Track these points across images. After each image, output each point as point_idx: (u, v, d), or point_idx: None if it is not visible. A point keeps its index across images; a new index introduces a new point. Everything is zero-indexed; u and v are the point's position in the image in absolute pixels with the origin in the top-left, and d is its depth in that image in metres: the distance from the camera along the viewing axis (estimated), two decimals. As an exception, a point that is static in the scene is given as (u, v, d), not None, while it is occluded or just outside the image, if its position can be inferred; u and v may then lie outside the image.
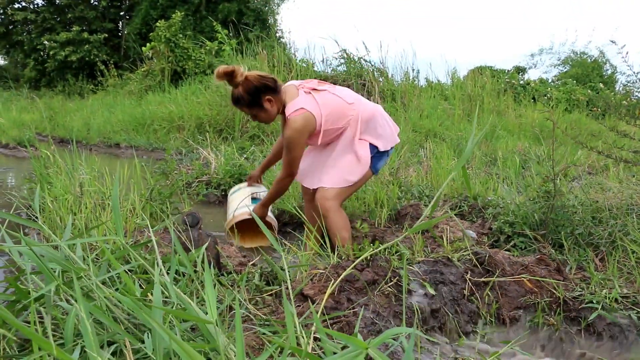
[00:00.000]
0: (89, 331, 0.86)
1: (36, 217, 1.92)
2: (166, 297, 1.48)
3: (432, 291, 2.00)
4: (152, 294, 1.25)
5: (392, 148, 2.91)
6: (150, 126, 9.54)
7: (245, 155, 5.65)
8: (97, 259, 2.05)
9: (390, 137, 2.86)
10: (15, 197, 3.57)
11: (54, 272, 1.57)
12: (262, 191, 3.44)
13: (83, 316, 0.89)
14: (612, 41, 3.51)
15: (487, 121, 8.44)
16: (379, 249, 1.73)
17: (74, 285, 1.53)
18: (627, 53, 3.45)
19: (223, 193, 4.62)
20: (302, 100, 2.67)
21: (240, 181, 4.69)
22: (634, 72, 3.48)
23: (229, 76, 2.62)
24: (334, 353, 1.09)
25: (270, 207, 3.14)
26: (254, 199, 3.31)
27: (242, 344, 0.70)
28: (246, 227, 3.24)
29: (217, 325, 0.98)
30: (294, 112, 2.62)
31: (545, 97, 12.29)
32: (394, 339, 1.45)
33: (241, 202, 3.23)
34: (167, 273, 1.60)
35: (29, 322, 1.33)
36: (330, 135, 2.79)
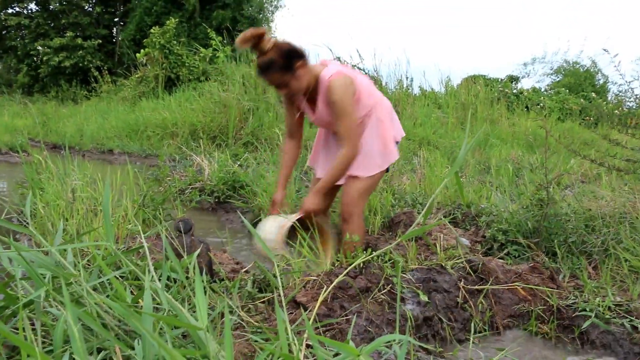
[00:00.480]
0: (76, 337, 0.84)
1: (27, 223, 1.90)
2: (158, 304, 1.46)
3: (425, 299, 1.99)
4: (143, 300, 1.24)
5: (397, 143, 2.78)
6: (143, 132, 9.52)
7: (239, 162, 5.63)
8: (88, 265, 2.03)
9: (400, 129, 2.79)
10: (6, 202, 3.54)
11: (44, 278, 1.56)
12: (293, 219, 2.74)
13: (70, 322, 0.88)
14: (604, 49, 3.54)
15: (481, 129, 8.47)
16: (372, 255, 1.73)
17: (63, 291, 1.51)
18: (619, 62, 3.48)
19: (216, 200, 4.61)
20: (336, 66, 2.52)
21: (234, 189, 4.67)
22: (625, 81, 3.51)
23: (257, 40, 2.38)
24: (327, 360, 1.09)
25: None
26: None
27: (231, 350, 0.69)
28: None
29: (207, 331, 0.97)
30: (334, 74, 2.46)
31: (538, 106, 12.36)
32: (387, 347, 1.44)
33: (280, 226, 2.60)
34: (160, 279, 1.58)
35: (17, 329, 1.31)
36: (363, 110, 2.61)
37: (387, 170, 2.74)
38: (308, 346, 1.38)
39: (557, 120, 11.47)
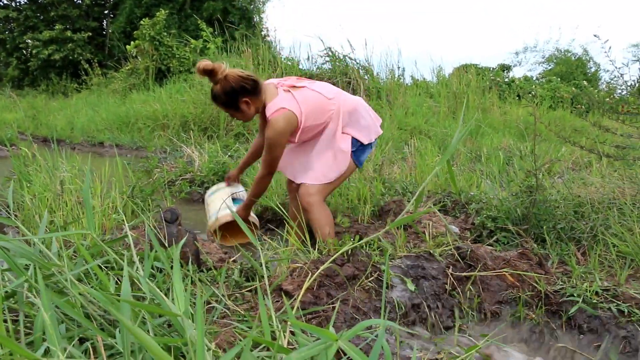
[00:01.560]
0: (47, 323, 0.83)
1: (9, 213, 1.88)
2: (143, 294, 1.45)
3: (411, 287, 1.98)
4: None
5: (375, 140, 2.89)
6: (134, 125, 9.47)
7: (229, 153, 5.61)
8: (75, 256, 2.02)
9: (373, 129, 2.85)
10: (-8, 195, 3.50)
11: (27, 269, 1.54)
12: (241, 191, 3.40)
13: (42, 310, 0.86)
14: (595, 35, 3.54)
15: (473, 117, 8.47)
16: (359, 242, 1.72)
17: (47, 281, 1.50)
18: (610, 48, 3.48)
19: (206, 191, 4.59)
20: (281, 100, 2.63)
21: (224, 179, 4.65)
22: (615, 67, 3.50)
23: (209, 74, 2.59)
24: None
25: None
26: (234, 200, 3.28)
27: (202, 328, 0.68)
28: (228, 226, 3.22)
29: (187, 318, 0.96)
30: (275, 112, 2.59)
31: (530, 95, 12.37)
32: (370, 333, 1.44)
33: (222, 203, 3.19)
34: (144, 269, 1.57)
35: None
36: (311, 131, 2.77)
37: (358, 166, 2.88)
38: (293, 334, 1.37)
39: (549, 109, 11.49)
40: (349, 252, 1.92)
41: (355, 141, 2.78)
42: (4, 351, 1.02)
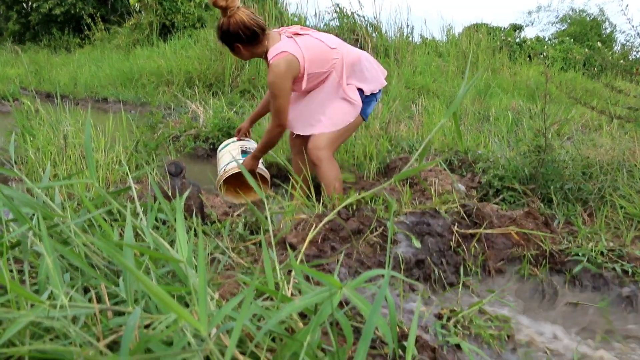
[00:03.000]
0: (50, 266, 0.82)
1: (12, 165, 1.86)
2: (147, 246, 1.44)
3: (417, 244, 1.97)
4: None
5: (380, 92, 2.85)
6: (138, 81, 9.38)
7: (234, 109, 5.56)
8: (78, 208, 2.01)
9: (377, 80, 2.80)
10: (-4, 149, 3.50)
11: (31, 219, 1.53)
12: (252, 145, 3.38)
13: (45, 254, 0.85)
14: (613, -5, 3.43)
15: (478, 74, 8.34)
16: (364, 195, 1.70)
17: (51, 231, 1.49)
18: (627, 5, 3.38)
19: (211, 147, 4.57)
20: (283, 44, 2.61)
21: (230, 135, 4.62)
22: (632, 26, 3.41)
23: (220, 7, 2.57)
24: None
25: (261, 160, 3.10)
26: (244, 153, 3.25)
27: (204, 274, 0.66)
28: (239, 182, 3.20)
29: (190, 266, 0.95)
30: (276, 55, 2.57)
31: (541, 56, 12.15)
32: (374, 285, 1.43)
33: (232, 157, 3.17)
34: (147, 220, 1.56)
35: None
36: (315, 80, 2.74)
37: (364, 119, 2.84)
38: (297, 286, 1.37)
39: (560, 70, 11.29)
40: (354, 206, 1.91)
41: (360, 92, 2.74)
42: (10, 296, 1.02)
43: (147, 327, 1.09)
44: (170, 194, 1.92)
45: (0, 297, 1.02)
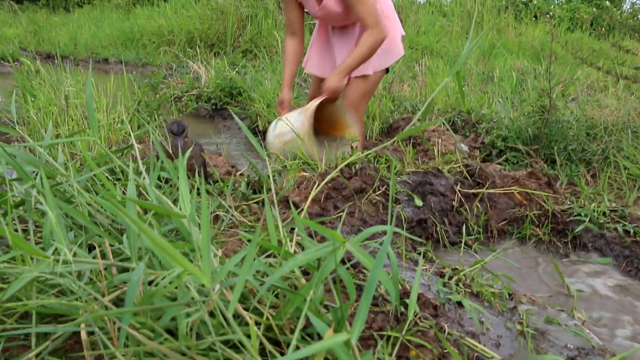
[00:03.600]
0: (53, 221, 0.82)
1: (14, 122, 1.85)
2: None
3: (419, 203, 1.98)
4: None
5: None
6: (139, 41, 9.27)
7: (236, 69, 5.51)
8: (80, 168, 2.01)
9: (400, 28, 2.67)
10: (-3, 110, 3.48)
11: (34, 178, 1.53)
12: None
13: (48, 209, 0.85)
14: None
15: (483, 34, 8.22)
16: (366, 154, 1.69)
17: (54, 190, 1.49)
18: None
19: (213, 107, 4.54)
20: None
21: (231, 95, 4.59)
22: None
23: None
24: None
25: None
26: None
27: (207, 226, 0.66)
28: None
29: (192, 222, 0.95)
30: None
31: (548, 16, 11.90)
32: (375, 242, 1.44)
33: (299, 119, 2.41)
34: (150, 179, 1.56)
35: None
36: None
37: (387, 71, 2.66)
38: (299, 245, 1.37)
39: (566, 31, 11.09)
40: (357, 165, 1.90)
41: None
42: (15, 253, 1.03)
43: (150, 283, 1.11)
44: (172, 153, 1.92)
45: (4, 255, 1.03)
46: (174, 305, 0.83)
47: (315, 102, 2.33)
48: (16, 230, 1.32)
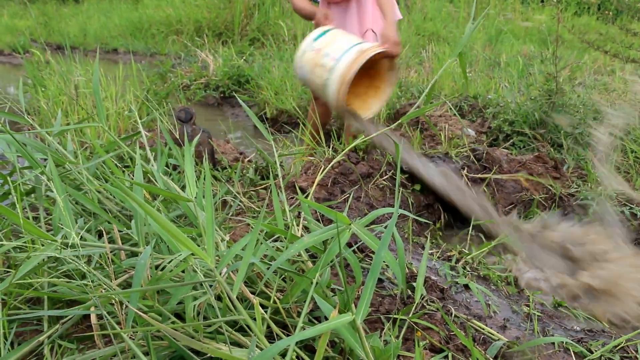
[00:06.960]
0: (60, 205, 0.84)
1: (22, 112, 1.88)
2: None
3: (417, 187, 1.98)
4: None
5: None
6: (147, 31, 9.29)
7: (244, 58, 5.51)
8: (90, 157, 2.03)
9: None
10: (8, 99, 3.52)
11: (44, 166, 1.56)
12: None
13: (56, 194, 0.87)
14: None
15: (493, 24, 8.14)
16: (372, 136, 1.70)
17: (64, 178, 1.52)
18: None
19: (221, 95, 4.56)
20: None
21: (239, 83, 4.60)
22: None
23: None
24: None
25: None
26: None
27: (211, 206, 0.68)
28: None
29: (198, 207, 0.97)
30: None
31: (554, 0, 11.74)
32: (381, 226, 1.45)
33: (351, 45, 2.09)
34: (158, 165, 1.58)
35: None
36: None
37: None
38: (306, 228, 1.39)
39: (573, 15, 10.95)
40: (364, 150, 1.91)
41: None
42: (26, 238, 1.05)
43: (157, 268, 1.13)
44: (180, 140, 1.94)
45: (16, 240, 1.05)
46: (180, 286, 0.85)
47: (376, 49, 2.02)
48: (27, 217, 1.35)
